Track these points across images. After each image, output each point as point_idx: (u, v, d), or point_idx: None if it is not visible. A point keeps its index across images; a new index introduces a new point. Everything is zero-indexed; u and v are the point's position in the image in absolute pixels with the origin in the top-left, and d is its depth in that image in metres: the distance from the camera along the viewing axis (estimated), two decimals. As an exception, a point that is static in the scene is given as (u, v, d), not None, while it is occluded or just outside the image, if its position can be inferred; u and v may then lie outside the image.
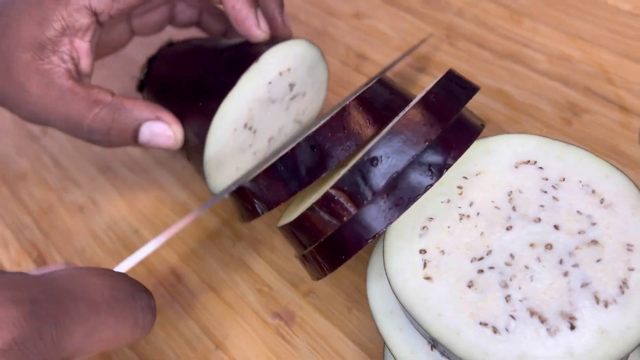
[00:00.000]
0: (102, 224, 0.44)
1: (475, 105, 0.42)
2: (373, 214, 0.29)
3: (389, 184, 0.28)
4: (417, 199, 0.29)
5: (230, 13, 0.37)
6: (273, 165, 0.31)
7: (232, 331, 0.37)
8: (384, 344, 0.32)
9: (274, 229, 0.40)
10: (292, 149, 0.30)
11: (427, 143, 0.28)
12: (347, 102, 0.31)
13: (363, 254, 0.38)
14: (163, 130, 0.36)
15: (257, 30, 0.37)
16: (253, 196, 0.32)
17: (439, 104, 0.29)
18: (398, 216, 0.29)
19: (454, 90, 0.30)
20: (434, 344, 0.28)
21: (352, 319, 0.35)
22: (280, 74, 0.37)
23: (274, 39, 0.37)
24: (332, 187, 0.29)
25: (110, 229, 0.44)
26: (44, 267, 0.38)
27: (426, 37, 0.46)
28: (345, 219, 0.29)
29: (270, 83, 0.36)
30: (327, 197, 0.29)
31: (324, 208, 0.29)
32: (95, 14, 0.35)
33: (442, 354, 0.29)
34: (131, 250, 0.42)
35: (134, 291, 0.29)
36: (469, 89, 0.31)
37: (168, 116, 0.36)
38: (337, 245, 0.29)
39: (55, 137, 0.51)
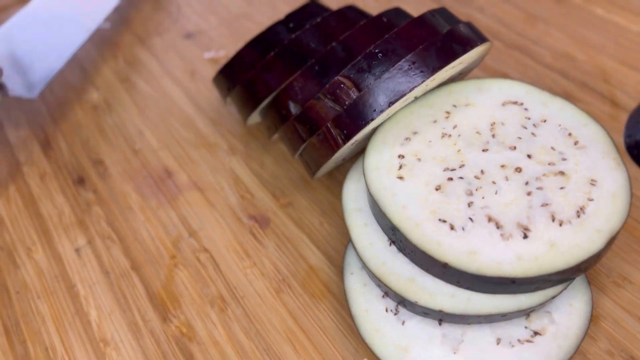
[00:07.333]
0: (110, 122, 0.47)
1: (479, 83, 0.45)
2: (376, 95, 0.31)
3: (390, 73, 0.31)
4: (413, 89, 0.31)
5: None
6: (309, 67, 0.33)
7: (207, 224, 0.38)
8: (347, 243, 0.34)
9: (268, 149, 0.42)
10: (325, 51, 0.33)
11: (422, 46, 0.31)
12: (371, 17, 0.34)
13: (340, 177, 0.39)
14: None
15: None
16: (288, 99, 0.34)
17: (435, 22, 0.32)
18: (399, 98, 0.31)
19: (447, 16, 0.33)
20: (393, 236, 0.30)
21: (322, 231, 0.37)
22: None
23: None
24: (340, 76, 0.31)
25: (117, 126, 0.46)
26: None
27: None
28: (347, 104, 0.31)
29: None
30: (334, 84, 0.32)
31: (329, 95, 0.32)
32: None
33: (399, 249, 0.30)
34: (132, 146, 0.44)
35: None
36: (457, 20, 0.33)
37: None
38: (355, 113, 0.31)
39: (84, 46, 0.54)
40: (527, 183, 0.30)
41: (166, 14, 0.58)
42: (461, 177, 0.30)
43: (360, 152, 0.39)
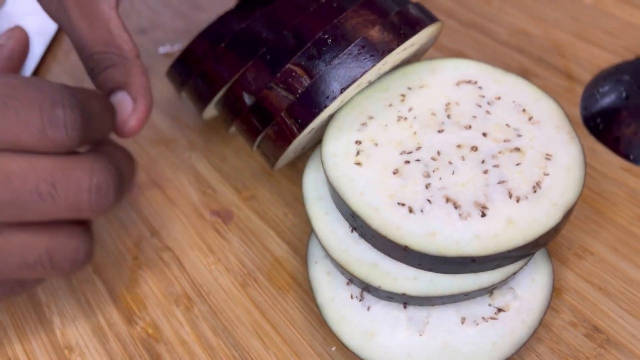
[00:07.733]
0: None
1: (437, 63, 0.45)
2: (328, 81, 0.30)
3: (340, 59, 0.30)
4: (364, 74, 0.30)
5: None
6: (260, 56, 0.32)
7: (169, 223, 0.38)
8: (310, 233, 0.33)
9: (228, 142, 0.42)
10: (276, 39, 0.32)
11: (371, 30, 0.30)
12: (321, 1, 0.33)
13: (302, 166, 0.39)
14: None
15: None
16: (242, 90, 0.33)
17: (383, 3, 0.32)
18: (351, 83, 0.30)
19: None
20: (354, 222, 0.29)
21: (286, 222, 0.36)
22: None
23: None
24: (291, 64, 0.31)
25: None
26: None
27: None
28: (299, 92, 0.31)
29: None
30: (285, 72, 0.31)
31: (282, 84, 0.31)
32: None
33: (361, 235, 0.30)
34: (88, 147, 0.43)
35: (45, 87, 0.24)
36: (406, 1, 0.33)
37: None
38: (308, 101, 0.30)
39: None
40: (483, 161, 0.30)
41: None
42: (418, 160, 0.30)
43: (320, 140, 0.38)
